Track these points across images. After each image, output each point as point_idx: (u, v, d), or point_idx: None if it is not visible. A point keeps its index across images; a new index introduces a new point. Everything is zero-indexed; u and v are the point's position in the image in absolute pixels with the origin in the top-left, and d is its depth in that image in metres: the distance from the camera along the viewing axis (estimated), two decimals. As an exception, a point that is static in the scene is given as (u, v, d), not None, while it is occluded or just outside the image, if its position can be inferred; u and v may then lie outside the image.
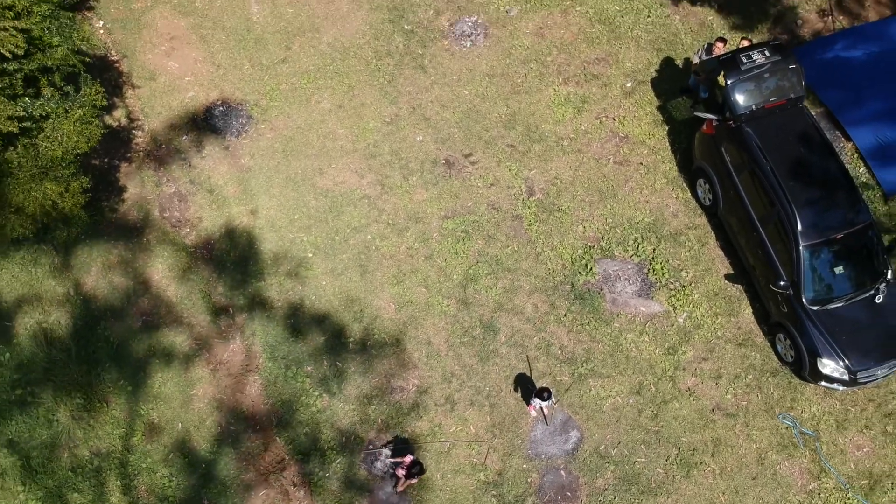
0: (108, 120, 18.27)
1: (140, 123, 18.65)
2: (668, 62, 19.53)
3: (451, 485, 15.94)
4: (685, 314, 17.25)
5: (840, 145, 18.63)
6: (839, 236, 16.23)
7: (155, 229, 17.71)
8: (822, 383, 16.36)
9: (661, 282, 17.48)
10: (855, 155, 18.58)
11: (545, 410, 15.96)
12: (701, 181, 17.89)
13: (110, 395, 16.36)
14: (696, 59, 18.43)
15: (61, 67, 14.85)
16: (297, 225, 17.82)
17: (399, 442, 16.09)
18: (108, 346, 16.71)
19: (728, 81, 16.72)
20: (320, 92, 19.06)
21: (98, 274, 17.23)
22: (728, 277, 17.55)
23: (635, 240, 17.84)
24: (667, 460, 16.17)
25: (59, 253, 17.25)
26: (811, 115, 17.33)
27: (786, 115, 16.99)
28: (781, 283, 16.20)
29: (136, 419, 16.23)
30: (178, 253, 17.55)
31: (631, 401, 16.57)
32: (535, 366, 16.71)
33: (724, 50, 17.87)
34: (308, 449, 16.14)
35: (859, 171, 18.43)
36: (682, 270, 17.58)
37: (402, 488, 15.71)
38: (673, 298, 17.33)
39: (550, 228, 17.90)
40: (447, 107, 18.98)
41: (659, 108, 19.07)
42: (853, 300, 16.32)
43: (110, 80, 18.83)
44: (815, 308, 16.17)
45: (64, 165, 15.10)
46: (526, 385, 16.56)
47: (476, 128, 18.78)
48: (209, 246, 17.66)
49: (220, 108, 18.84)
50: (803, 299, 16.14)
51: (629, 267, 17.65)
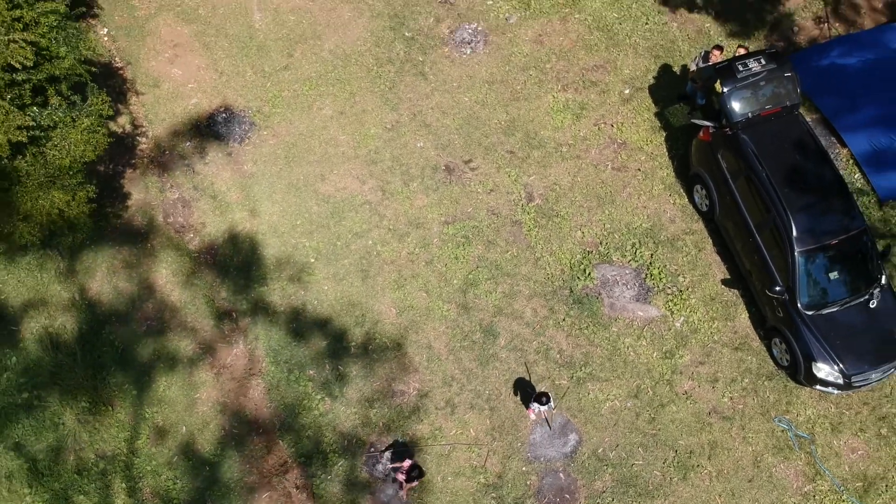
0: (113, 126, 18.42)
1: (144, 130, 18.81)
2: (665, 69, 19.67)
3: (452, 487, 16.08)
4: (682, 318, 17.41)
5: (835, 151, 18.76)
6: (834, 242, 16.35)
7: (159, 235, 17.87)
8: (818, 387, 16.48)
9: (658, 286, 17.64)
10: (850, 161, 18.69)
11: (544, 414, 16.12)
12: (698, 187, 18.04)
13: (115, 399, 16.54)
14: (694, 67, 18.58)
15: (68, 77, 14.97)
16: (300, 230, 17.99)
17: (398, 446, 16.22)
18: (113, 350, 16.87)
19: (724, 89, 16.86)
20: (322, 98, 19.23)
21: (103, 279, 17.41)
22: (725, 282, 17.68)
23: (633, 245, 18.00)
24: (664, 463, 16.32)
25: (65, 258, 17.42)
26: (806, 122, 17.46)
27: (781, 123, 17.12)
28: (777, 288, 16.34)
29: (141, 422, 16.40)
30: (181, 258, 17.72)
31: (629, 404, 16.73)
32: (535, 369, 16.86)
33: (721, 57, 18.00)
34: (310, 452, 16.29)
35: (854, 177, 18.55)
36: (679, 275, 17.73)
37: (405, 493, 15.79)
38: (670, 303, 17.49)
39: (549, 234, 18.07)
40: (447, 113, 19.15)
41: (657, 114, 19.19)
42: (848, 305, 16.44)
43: (114, 86, 19.00)
44: (810, 313, 16.30)
45: (71, 174, 15.26)
46: (525, 389, 16.70)
47: (476, 134, 18.94)
48: (212, 251, 17.83)
49: (223, 115, 19.00)
50: (798, 304, 16.28)
51: (627, 272, 17.81)
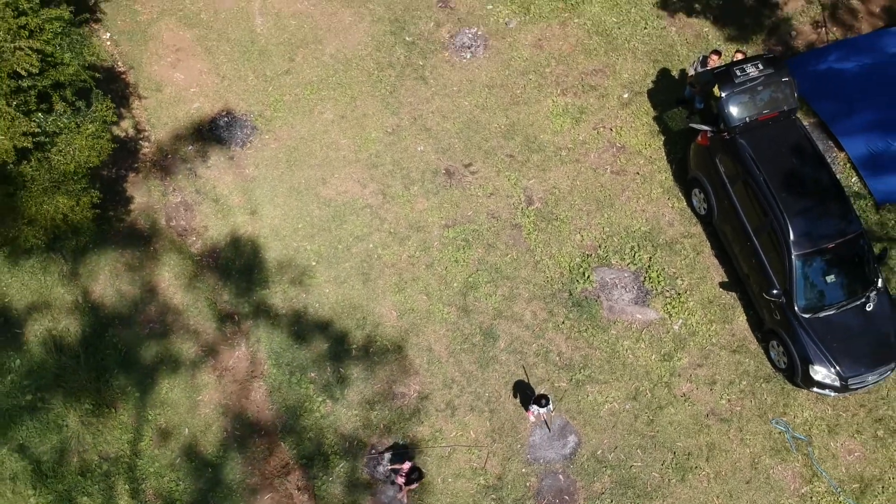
0: (116, 131, 18.53)
1: (147, 134, 18.94)
2: (664, 73, 19.80)
3: (452, 489, 16.20)
4: (680, 321, 17.53)
5: (833, 155, 18.87)
6: (831, 246, 16.46)
7: (161, 238, 18.01)
8: (815, 389, 16.60)
9: (656, 289, 17.77)
10: (847, 165, 18.81)
11: (544, 416, 16.24)
12: (696, 191, 18.16)
13: (118, 401, 16.66)
14: (692, 71, 18.68)
15: (73, 83, 15.09)
16: (301, 234, 18.12)
17: (398, 448, 16.34)
18: (116, 352, 17.00)
19: (722, 94, 16.98)
20: (323, 103, 19.36)
21: (106, 282, 17.54)
22: (722, 285, 17.79)
23: (632, 248, 18.13)
24: (662, 465, 16.44)
25: (68, 261, 17.55)
26: (804, 126, 17.58)
27: (779, 127, 17.23)
28: (774, 291, 16.45)
29: (144, 424, 16.53)
30: (184, 261, 17.85)
31: (627, 406, 16.86)
32: (534, 372, 16.97)
33: (719, 62, 18.15)
34: (312, 453, 16.41)
35: (851, 181, 18.67)
36: (677, 278, 17.85)
37: (404, 495, 15.89)
38: (668, 306, 17.61)
39: (549, 237, 18.19)
40: (448, 117, 19.28)
41: (655, 118, 19.31)
42: (844, 308, 16.54)
43: (117, 91, 19.13)
44: (807, 316, 16.41)
45: (75, 179, 15.37)
46: (525, 391, 16.82)
47: (476, 138, 19.07)
48: (215, 254, 17.95)
49: (225, 119, 19.13)
50: (795, 307, 16.40)
51: (626, 275, 17.94)
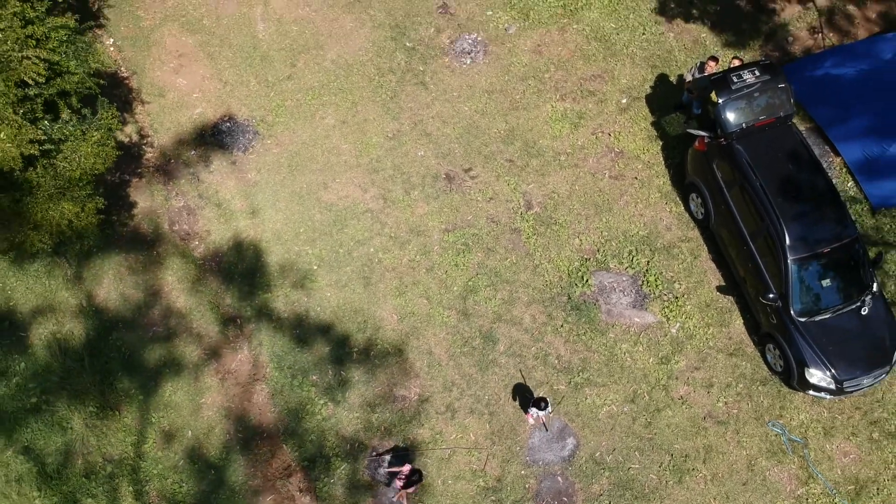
0: (119, 136, 18.69)
1: (150, 139, 19.11)
2: (662, 79, 19.95)
3: (452, 490, 16.36)
4: (678, 325, 17.69)
5: (829, 160, 19.02)
6: (826, 250, 16.59)
7: (165, 242, 18.19)
8: (810, 392, 16.75)
9: (654, 293, 17.93)
10: (843, 170, 18.94)
11: (542, 419, 16.40)
12: (693, 196, 18.32)
13: (122, 404, 16.85)
14: (689, 77, 18.83)
15: (78, 91, 15.24)
16: (303, 238, 18.29)
17: (399, 451, 16.49)
18: (119, 355, 17.18)
19: (719, 100, 17.13)
20: (324, 108, 19.52)
21: (110, 285, 17.71)
22: (719, 289, 17.95)
23: (630, 252, 18.29)
24: (660, 467, 16.60)
25: (73, 265, 17.73)
26: (800, 132, 17.72)
27: (775, 133, 17.38)
28: (770, 295, 16.58)
29: (148, 427, 16.71)
30: (187, 265, 18.02)
31: (625, 409, 17.02)
32: (533, 375, 17.13)
33: (717, 68, 18.25)
34: (313, 455, 16.58)
35: (847, 186, 18.82)
36: (675, 282, 18.02)
37: (400, 498, 15.98)
38: (666, 309, 17.77)
39: (548, 241, 18.35)
40: (448, 122, 19.45)
41: (653, 123, 19.46)
42: (840, 312, 16.68)
43: (120, 96, 19.30)
44: (802, 319, 16.55)
45: (81, 186, 15.53)
46: (524, 394, 16.99)
47: (476, 143, 19.24)
48: (217, 258, 18.12)
49: (227, 124, 19.30)
50: (791, 311, 16.55)
51: (624, 279, 18.10)
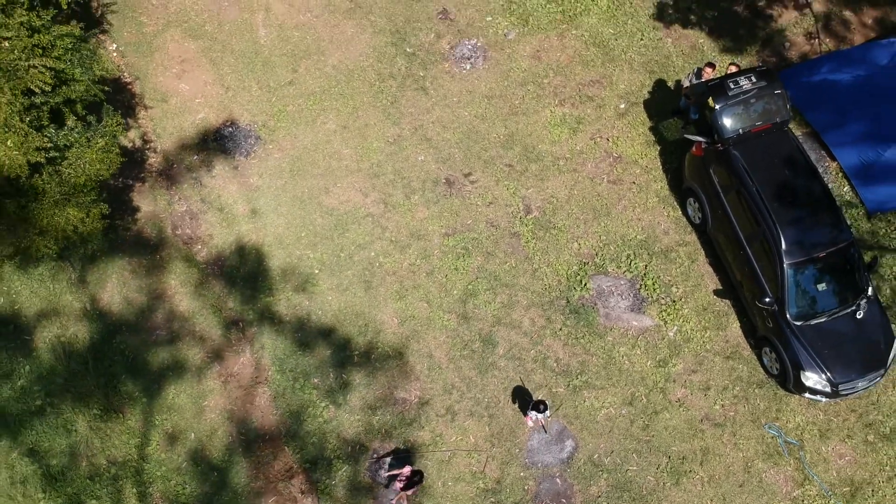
0: (123, 141, 18.82)
1: (153, 144, 19.28)
2: (660, 84, 20.10)
3: (452, 492, 16.51)
4: (675, 328, 17.84)
5: (825, 165, 19.18)
6: (822, 255, 16.74)
7: (168, 246, 18.35)
8: (806, 395, 16.89)
9: (652, 297, 18.08)
10: (839, 174, 19.10)
11: (541, 421, 16.55)
12: (691, 200, 18.47)
13: (126, 406, 17.01)
14: (687, 83, 18.99)
15: (83, 99, 15.40)
16: (304, 242, 18.45)
17: (399, 453, 16.64)
18: (123, 358, 17.35)
19: (716, 106, 17.24)
20: (326, 113, 19.68)
21: (114, 289, 17.88)
22: (716, 293, 18.10)
23: (628, 256, 18.44)
24: (657, 469, 16.75)
25: (77, 269, 17.89)
26: (796, 138, 17.87)
27: (771, 139, 17.52)
28: (767, 299, 16.73)
29: (151, 429, 16.87)
30: (190, 269, 18.19)
31: (623, 411, 17.18)
32: (532, 377, 17.29)
33: (714, 74, 18.43)
34: (315, 458, 16.73)
35: (843, 190, 18.98)
36: (672, 286, 18.18)
37: (400, 500, 16.10)
38: (664, 313, 17.93)
39: (547, 245, 18.51)
40: (448, 127, 19.61)
41: (651, 128, 19.61)
42: (835, 315, 16.84)
43: (124, 101, 19.45)
44: (798, 323, 16.70)
45: (86, 192, 15.69)
46: (523, 396, 17.14)
47: (475, 148, 19.39)
48: (220, 262, 18.29)
49: (230, 129, 19.45)
50: (787, 315, 16.70)
51: (622, 282, 18.26)
